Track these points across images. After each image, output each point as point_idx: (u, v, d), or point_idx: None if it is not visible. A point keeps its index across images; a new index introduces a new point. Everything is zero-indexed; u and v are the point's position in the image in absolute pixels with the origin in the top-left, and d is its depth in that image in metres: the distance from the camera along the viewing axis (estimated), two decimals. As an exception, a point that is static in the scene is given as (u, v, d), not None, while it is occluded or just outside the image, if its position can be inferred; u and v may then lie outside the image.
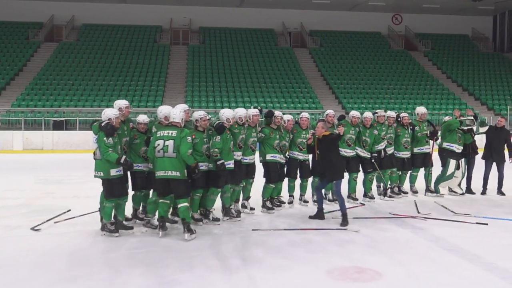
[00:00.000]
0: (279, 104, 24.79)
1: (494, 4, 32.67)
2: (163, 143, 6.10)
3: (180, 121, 6.24)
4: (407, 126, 9.16)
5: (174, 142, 6.07)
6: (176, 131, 6.13)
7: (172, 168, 6.08)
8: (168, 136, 6.11)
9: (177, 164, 6.09)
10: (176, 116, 6.24)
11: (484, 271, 5.03)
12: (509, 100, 27.79)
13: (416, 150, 9.30)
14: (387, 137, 8.95)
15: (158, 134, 6.19)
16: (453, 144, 9.29)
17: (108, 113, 6.31)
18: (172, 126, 6.20)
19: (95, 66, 27.64)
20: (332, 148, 7.13)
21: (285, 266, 5.18)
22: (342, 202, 7.08)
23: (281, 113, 7.98)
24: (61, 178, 12.15)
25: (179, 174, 6.11)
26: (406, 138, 9.13)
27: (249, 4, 32.04)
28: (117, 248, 5.84)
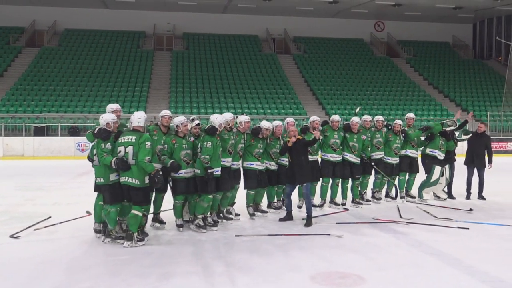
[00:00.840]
0: (263, 110, 24.84)
1: (474, 12, 33.29)
2: (124, 149, 6.00)
3: (142, 125, 6.15)
4: (399, 133, 9.21)
5: (133, 148, 5.97)
6: (136, 136, 6.03)
7: (131, 175, 5.98)
8: (128, 142, 6.01)
9: (136, 171, 5.97)
10: (141, 120, 6.14)
11: (465, 275, 5.07)
12: (489, 106, 28.28)
13: (403, 153, 9.32)
14: (375, 141, 9.01)
15: (120, 140, 6.08)
16: (436, 150, 9.41)
17: (106, 118, 6.22)
18: (134, 132, 6.10)
19: (77, 71, 27.37)
20: (303, 152, 7.34)
21: (268, 271, 5.16)
22: (310, 205, 7.36)
23: (269, 124, 7.84)
24: (41, 184, 11.96)
25: (138, 182, 5.99)
26: (397, 144, 9.17)
27: (233, 11, 32.11)
28: (97, 255, 5.76)
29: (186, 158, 6.68)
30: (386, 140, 9.15)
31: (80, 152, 20.00)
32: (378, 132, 9.07)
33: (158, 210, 7.13)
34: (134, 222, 6.07)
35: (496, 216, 8.10)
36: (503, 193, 10.45)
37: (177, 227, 6.82)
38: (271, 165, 7.89)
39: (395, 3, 30.38)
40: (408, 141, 9.32)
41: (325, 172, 8.47)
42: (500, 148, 23.11)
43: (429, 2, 29.93)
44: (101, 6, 31.12)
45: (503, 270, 5.23)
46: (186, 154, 6.69)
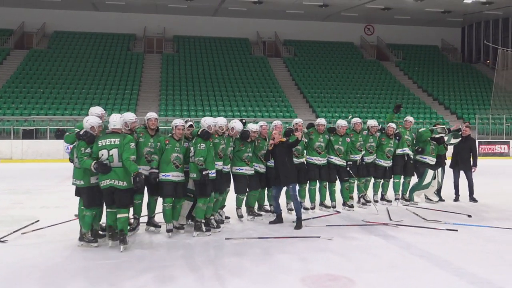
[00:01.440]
0: (253, 113, 24.86)
1: (463, 16, 33.63)
2: (107, 153, 5.94)
3: (121, 127, 6.14)
4: (392, 136, 9.20)
5: (118, 150, 5.93)
6: (119, 138, 5.99)
7: (117, 178, 5.94)
8: (111, 145, 5.96)
9: (123, 173, 5.94)
10: (117, 123, 6.11)
11: (454, 277, 5.10)
12: (477, 109, 28.55)
13: (400, 152, 9.30)
14: (368, 146, 9.00)
15: (100, 143, 6.00)
16: (427, 156, 9.45)
17: (91, 121, 6.14)
18: (115, 134, 6.06)
19: (66, 74, 27.19)
20: (287, 154, 7.35)
21: (259, 274, 5.15)
22: (298, 207, 7.36)
23: (256, 126, 7.81)
24: (30, 188, 11.85)
25: (125, 184, 5.96)
26: (390, 148, 9.15)
27: (224, 14, 32.12)
28: (86, 259, 5.71)
29: (176, 162, 6.64)
30: (379, 143, 9.15)
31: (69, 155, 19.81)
32: (371, 136, 9.07)
33: (153, 214, 7.07)
34: (125, 225, 6.06)
35: (484, 218, 8.17)
36: (491, 195, 10.53)
37: (167, 231, 6.75)
38: (260, 168, 7.87)
39: (385, 6, 30.60)
40: (403, 141, 9.30)
41: (311, 175, 8.45)
42: (488, 151, 23.33)
43: (418, 6, 30.19)
44: (91, 8, 30.97)
45: (491, 271, 5.27)
46: (176, 157, 6.65)
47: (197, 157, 6.55)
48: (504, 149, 23.90)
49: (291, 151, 7.52)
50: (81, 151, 5.97)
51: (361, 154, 8.90)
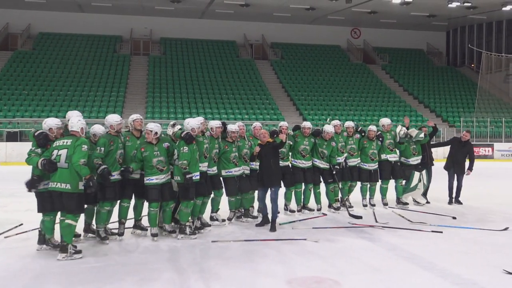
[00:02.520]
0: (240, 115, 24.85)
1: (447, 20, 34.05)
2: (56, 153, 5.75)
3: (78, 130, 5.89)
4: (374, 139, 9.17)
5: (67, 151, 5.70)
6: (71, 140, 5.78)
7: (61, 180, 5.68)
8: (62, 146, 5.75)
9: (68, 175, 5.68)
10: (74, 124, 5.91)
11: (438, 278, 5.14)
12: (462, 112, 28.89)
13: (383, 157, 9.27)
14: (348, 148, 9.01)
15: (55, 143, 5.84)
16: (409, 158, 9.50)
17: (49, 123, 5.98)
18: (71, 136, 5.87)
19: (52, 76, 26.95)
20: (273, 155, 7.31)
21: (244, 277, 5.14)
22: (276, 209, 7.30)
23: (235, 126, 7.74)
24: (14, 191, 11.65)
25: (69, 187, 5.68)
26: (373, 150, 9.12)
27: (211, 16, 32.11)
28: (70, 263, 5.64)
29: (159, 165, 6.55)
30: (362, 147, 9.15)
31: (54, 158, 19.62)
32: (350, 138, 9.07)
33: (139, 217, 7.00)
34: (68, 232, 5.71)
35: (469, 220, 8.25)
36: (475, 197, 10.64)
37: (152, 236, 6.68)
38: (245, 170, 7.83)
39: (371, 10, 30.85)
40: (385, 146, 9.29)
41: (297, 178, 8.42)
42: (472, 153, 23.54)
43: (404, 10, 30.49)
44: (77, 9, 30.73)
45: (475, 272, 5.32)
46: (158, 161, 6.54)
47: (181, 160, 6.50)
48: (488, 151, 24.23)
49: (277, 153, 7.50)
50: (32, 149, 5.84)
51: (343, 156, 8.92)
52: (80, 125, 5.90)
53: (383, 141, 9.26)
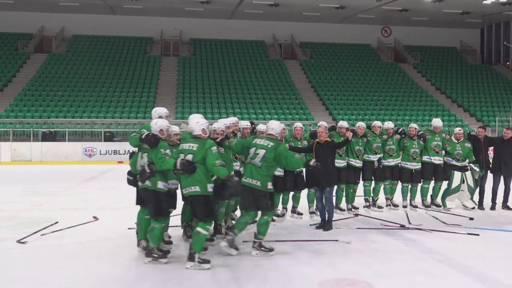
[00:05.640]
0: (269, 115, 24.81)
1: (482, 17, 33.14)
2: (183, 157, 5.51)
3: (200, 132, 5.65)
4: (415, 137, 8.99)
5: (193, 157, 5.48)
6: (198, 144, 5.56)
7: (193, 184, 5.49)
8: (188, 150, 5.53)
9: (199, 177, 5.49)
10: (194, 129, 5.70)
11: (475, 282, 5.00)
12: (497, 111, 28.07)
13: (425, 159, 9.05)
14: (387, 148, 8.87)
15: (181, 147, 5.66)
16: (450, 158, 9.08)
17: (160, 124, 5.75)
18: (196, 139, 5.65)
19: (84, 77, 27.51)
20: (331, 154, 7.31)
21: (276, 278, 5.11)
22: (332, 209, 7.36)
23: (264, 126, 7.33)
24: (48, 190, 11.99)
25: (198, 189, 5.48)
26: (415, 149, 8.92)
27: (240, 16, 32.19)
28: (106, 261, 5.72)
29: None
30: (403, 146, 8.98)
31: (87, 157, 20.07)
32: (390, 138, 8.92)
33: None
34: (197, 240, 5.41)
35: (506, 223, 8.01)
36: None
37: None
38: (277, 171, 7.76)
39: (402, 8, 30.32)
40: (430, 147, 9.03)
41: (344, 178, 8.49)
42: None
43: (436, 7, 29.85)
44: (109, 12, 31.30)
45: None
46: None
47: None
48: (525, 152, 23.47)
49: (334, 152, 7.49)
50: (160, 152, 5.56)
51: (377, 156, 8.80)
52: (200, 127, 5.67)
53: (425, 141, 9.05)
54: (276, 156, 5.92)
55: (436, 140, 9.12)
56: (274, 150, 5.91)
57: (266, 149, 5.93)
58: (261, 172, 5.89)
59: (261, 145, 5.98)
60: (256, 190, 5.89)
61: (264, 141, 6.04)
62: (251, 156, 5.98)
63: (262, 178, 5.88)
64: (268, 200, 5.93)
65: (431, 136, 9.12)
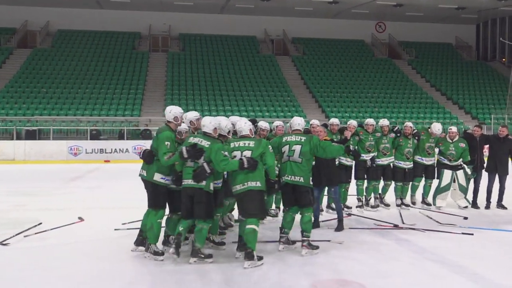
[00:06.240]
0: (261, 112, 24.84)
1: (477, 12, 33.38)
2: (240, 154, 5.72)
3: (248, 132, 5.89)
4: (410, 136, 9.07)
5: (252, 152, 5.73)
6: (255, 141, 5.83)
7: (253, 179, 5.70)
8: (245, 147, 5.76)
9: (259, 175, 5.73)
10: (243, 128, 5.92)
11: (470, 282, 5.05)
12: (493, 109, 28.32)
13: (416, 159, 9.16)
14: (381, 147, 8.91)
15: (233, 145, 5.85)
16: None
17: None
18: (249, 138, 5.89)
19: (70, 73, 27.34)
20: None
21: (267, 278, 5.12)
22: (340, 208, 7.47)
23: (266, 124, 7.59)
24: (32, 190, 11.90)
25: (259, 184, 5.70)
26: (409, 149, 9.01)
27: (231, 11, 32.15)
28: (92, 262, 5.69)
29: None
30: (397, 145, 9.04)
31: (73, 156, 19.95)
32: (384, 137, 8.97)
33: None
34: (252, 238, 5.59)
35: (500, 222, 8.08)
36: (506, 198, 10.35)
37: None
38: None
39: (397, 3, 30.46)
40: (423, 148, 9.12)
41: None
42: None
43: (431, 2, 30.02)
44: (95, 6, 31.13)
45: (508, 276, 5.22)
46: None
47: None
48: (521, 150, 23.68)
49: None
50: (222, 154, 5.60)
51: (369, 155, 8.83)
52: (248, 127, 5.92)
53: (419, 140, 9.13)
54: (312, 149, 6.09)
55: (430, 142, 9.21)
56: (309, 143, 6.08)
57: (300, 144, 6.08)
58: (302, 167, 6.03)
59: (294, 141, 6.13)
60: (298, 186, 6.04)
61: (295, 137, 6.19)
62: (287, 153, 6.10)
63: (304, 174, 6.04)
64: (310, 195, 6.14)
65: (426, 137, 9.20)
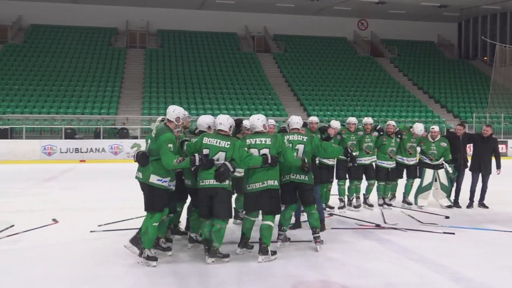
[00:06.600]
0: (241, 111, 24.84)
1: (459, 11, 33.94)
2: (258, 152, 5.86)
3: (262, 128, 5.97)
4: (393, 135, 9.16)
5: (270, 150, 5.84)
6: (270, 138, 5.95)
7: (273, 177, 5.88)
8: (262, 144, 5.87)
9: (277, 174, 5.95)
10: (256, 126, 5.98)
11: (451, 282, 5.13)
12: (475, 107, 28.82)
13: (397, 158, 9.25)
14: (364, 146, 8.97)
15: (249, 141, 5.90)
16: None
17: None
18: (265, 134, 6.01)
19: (44, 70, 26.96)
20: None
21: (248, 280, 5.13)
22: (322, 208, 7.48)
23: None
24: (4, 191, 11.70)
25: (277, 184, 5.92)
26: (392, 148, 9.09)
27: (211, 7, 32.07)
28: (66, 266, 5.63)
29: None
30: (380, 144, 9.12)
31: (46, 156, 19.67)
32: (368, 135, 9.03)
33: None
34: (268, 234, 5.86)
35: (482, 221, 8.23)
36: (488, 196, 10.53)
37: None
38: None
39: (379, 0, 30.80)
40: (405, 148, 9.23)
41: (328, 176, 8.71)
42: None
43: (414, 0, 30.40)
44: (70, 0, 30.74)
45: (488, 275, 5.31)
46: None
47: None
48: (502, 149, 24.14)
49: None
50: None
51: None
52: (261, 123, 5.98)
53: (401, 139, 9.23)
54: (313, 149, 6.33)
55: (411, 142, 9.31)
56: (310, 144, 6.28)
57: (303, 143, 6.24)
58: None
59: (297, 140, 6.27)
60: (302, 185, 6.25)
61: (297, 136, 6.31)
62: None
63: (308, 173, 6.22)
64: (314, 193, 6.43)
65: (408, 137, 9.30)
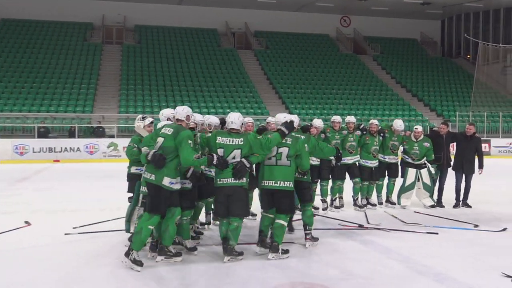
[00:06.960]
0: (222, 109, 24.79)
1: (442, 8, 34.41)
2: (276, 150, 6.03)
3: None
4: (376, 134, 9.23)
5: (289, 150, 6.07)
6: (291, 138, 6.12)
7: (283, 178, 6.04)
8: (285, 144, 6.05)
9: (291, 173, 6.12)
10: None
11: (434, 282, 5.20)
12: (458, 106, 29.26)
13: (379, 157, 9.35)
14: (347, 145, 9.01)
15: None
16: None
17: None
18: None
19: (15, 66, 26.53)
20: None
21: (229, 283, 5.13)
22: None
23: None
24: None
25: (291, 185, 6.10)
26: (375, 146, 9.18)
27: (190, 2, 31.95)
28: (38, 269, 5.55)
29: None
30: (363, 143, 9.18)
31: (18, 156, 19.37)
32: (350, 134, 9.06)
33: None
34: (280, 232, 6.05)
35: (465, 221, 8.34)
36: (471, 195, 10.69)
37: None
38: None
39: (362, -3, 31.05)
40: (386, 146, 9.35)
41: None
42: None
43: (397, -3, 30.73)
44: (43, -6, 30.32)
45: (472, 275, 5.40)
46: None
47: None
48: (485, 148, 24.55)
49: None
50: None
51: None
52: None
53: (384, 138, 9.32)
54: (310, 149, 6.56)
55: (393, 140, 9.44)
56: (307, 143, 6.46)
57: (287, 146, 6.18)
58: None
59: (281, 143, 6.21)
60: (301, 183, 6.52)
61: (294, 135, 6.29)
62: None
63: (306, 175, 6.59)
64: (311, 191, 6.76)
65: (389, 135, 9.42)
